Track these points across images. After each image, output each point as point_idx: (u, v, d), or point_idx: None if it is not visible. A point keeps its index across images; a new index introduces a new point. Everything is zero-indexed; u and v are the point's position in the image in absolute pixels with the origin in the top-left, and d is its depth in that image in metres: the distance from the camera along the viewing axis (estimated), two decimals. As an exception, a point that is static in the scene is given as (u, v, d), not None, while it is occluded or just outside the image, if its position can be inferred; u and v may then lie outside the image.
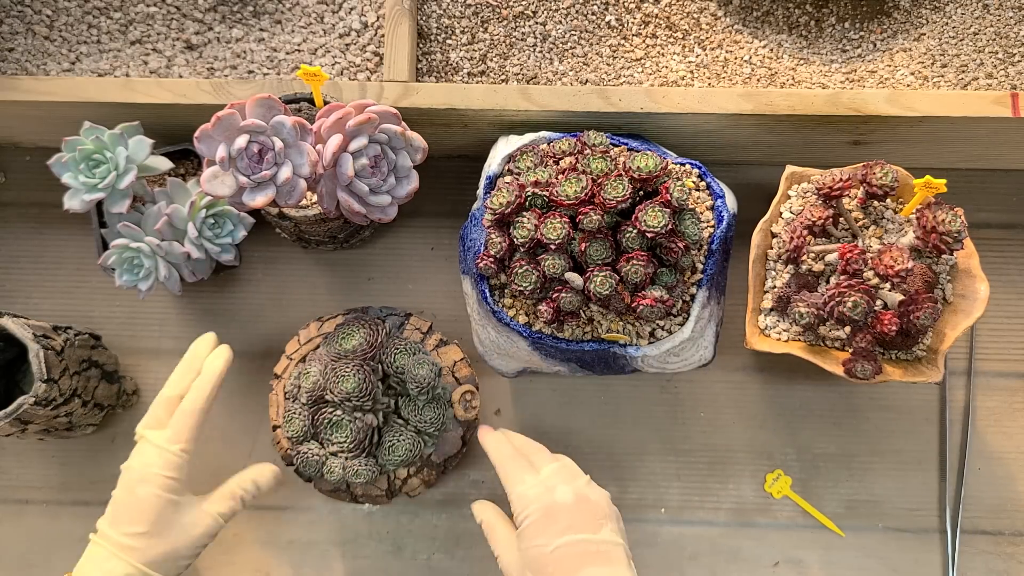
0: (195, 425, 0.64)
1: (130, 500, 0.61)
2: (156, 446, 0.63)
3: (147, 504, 0.61)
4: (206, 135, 0.62)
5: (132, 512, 0.61)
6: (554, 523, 0.60)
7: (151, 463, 0.62)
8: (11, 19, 0.78)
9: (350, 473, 0.67)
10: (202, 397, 0.65)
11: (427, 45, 0.78)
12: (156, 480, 0.62)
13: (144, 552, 0.61)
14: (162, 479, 0.62)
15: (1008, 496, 0.78)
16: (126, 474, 0.63)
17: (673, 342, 0.66)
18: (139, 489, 0.62)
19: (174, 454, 0.63)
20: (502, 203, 0.63)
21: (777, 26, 0.80)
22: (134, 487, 0.62)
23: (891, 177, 0.67)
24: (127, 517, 0.61)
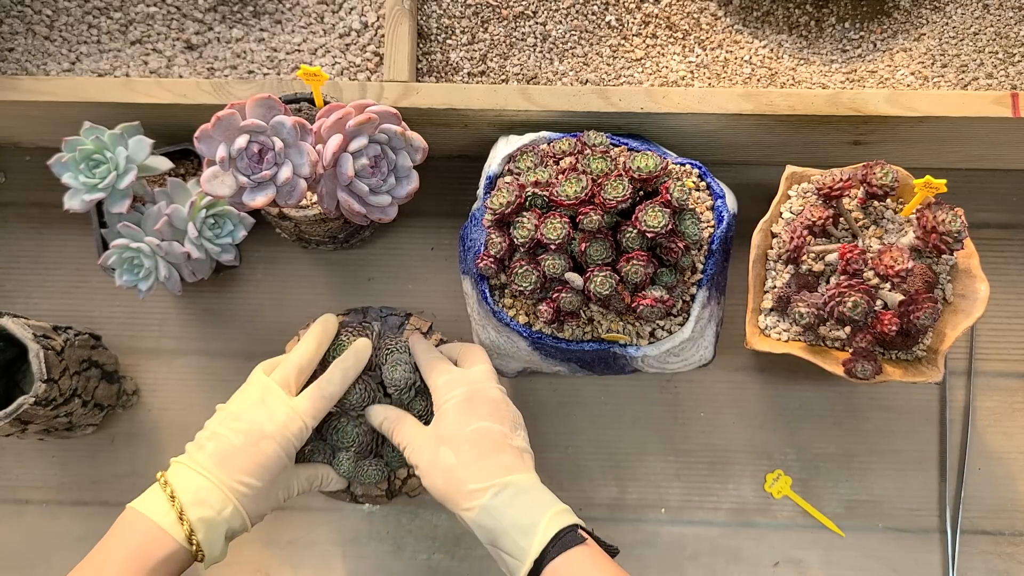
0: (327, 410, 0.65)
1: (253, 452, 0.60)
2: (293, 410, 0.62)
3: (270, 462, 0.61)
4: (206, 135, 0.62)
5: (252, 464, 0.60)
6: (476, 408, 0.62)
7: (285, 425, 0.62)
8: (11, 19, 0.78)
9: (360, 472, 0.68)
10: (343, 387, 0.65)
11: (427, 45, 0.78)
12: (285, 443, 0.62)
13: (251, 502, 0.60)
14: (290, 444, 0.62)
15: (1008, 496, 0.78)
16: (246, 423, 0.61)
17: (673, 342, 0.66)
18: (264, 444, 0.61)
19: (306, 426, 0.63)
20: (502, 203, 0.63)
21: (777, 26, 0.80)
22: (259, 440, 0.61)
23: (891, 177, 0.67)
24: (245, 466, 0.60)
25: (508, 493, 0.59)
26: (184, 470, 0.60)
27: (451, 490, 0.60)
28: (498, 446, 0.61)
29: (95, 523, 0.77)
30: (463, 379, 0.65)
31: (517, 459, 0.61)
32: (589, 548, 0.57)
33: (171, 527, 0.57)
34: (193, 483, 0.59)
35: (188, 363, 0.80)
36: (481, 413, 0.62)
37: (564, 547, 0.56)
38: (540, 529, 0.57)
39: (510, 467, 0.60)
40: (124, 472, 0.78)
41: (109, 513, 0.77)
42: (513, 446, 0.62)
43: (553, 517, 0.58)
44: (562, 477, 0.78)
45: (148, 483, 0.77)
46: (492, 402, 0.63)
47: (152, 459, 0.79)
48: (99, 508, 0.78)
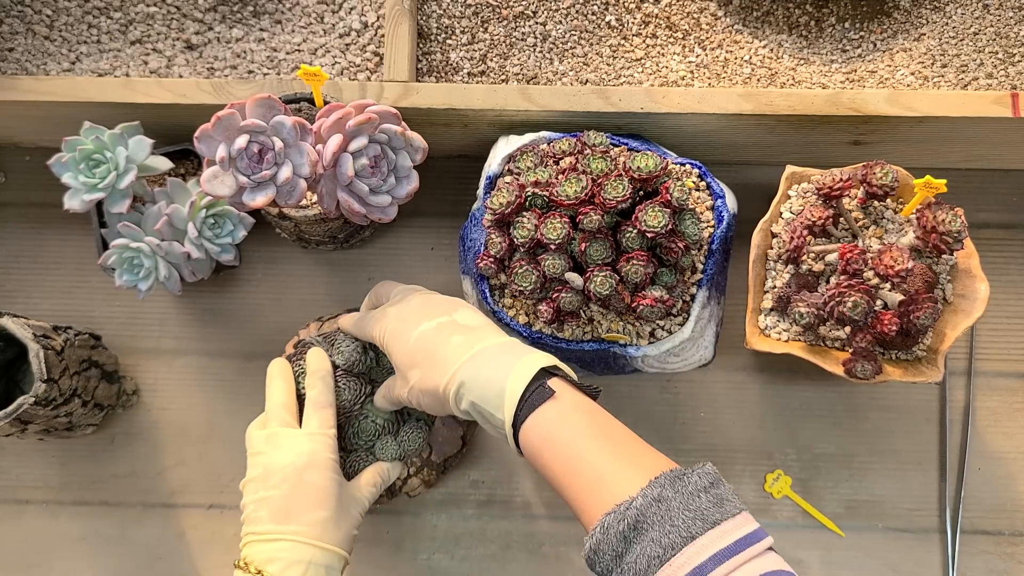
0: (334, 416, 0.64)
1: (302, 489, 0.59)
2: (308, 434, 0.62)
3: (324, 488, 0.60)
4: (206, 135, 0.62)
5: (309, 500, 0.59)
6: (406, 322, 0.61)
7: (313, 450, 0.61)
8: (11, 19, 0.78)
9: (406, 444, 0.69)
10: (329, 391, 0.65)
11: (427, 45, 0.78)
12: (325, 463, 0.61)
13: (334, 533, 0.59)
14: (331, 462, 0.61)
15: (1008, 496, 0.78)
16: (278, 472, 0.60)
17: (673, 342, 0.66)
18: (308, 476, 0.60)
19: (330, 437, 0.62)
20: (502, 203, 0.63)
21: (777, 26, 0.80)
22: (300, 477, 0.59)
23: (891, 177, 0.67)
24: (305, 506, 0.59)
25: (472, 368, 0.56)
26: (257, 545, 0.58)
27: (436, 401, 0.59)
28: (444, 334, 0.59)
29: (95, 523, 0.77)
30: (385, 309, 0.64)
31: (468, 335, 0.58)
32: (556, 404, 0.53)
33: None
34: (271, 552, 0.58)
35: (188, 363, 0.80)
36: (414, 320, 0.60)
37: (531, 408, 0.53)
38: (507, 394, 0.54)
39: (465, 345, 0.58)
40: (124, 472, 0.78)
41: (109, 513, 0.78)
42: (461, 325, 0.60)
43: (518, 373, 0.54)
44: (562, 477, 0.78)
45: (148, 483, 0.78)
46: (419, 306, 0.61)
47: (152, 459, 0.79)
48: (99, 508, 0.78)
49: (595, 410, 0.54)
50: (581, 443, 0.52)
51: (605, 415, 0.55)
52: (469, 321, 0.60)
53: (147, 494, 0.78)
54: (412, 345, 0.60)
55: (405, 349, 0.60)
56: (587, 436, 0.53)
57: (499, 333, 0.60)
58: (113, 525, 0.77)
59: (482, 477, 0.78)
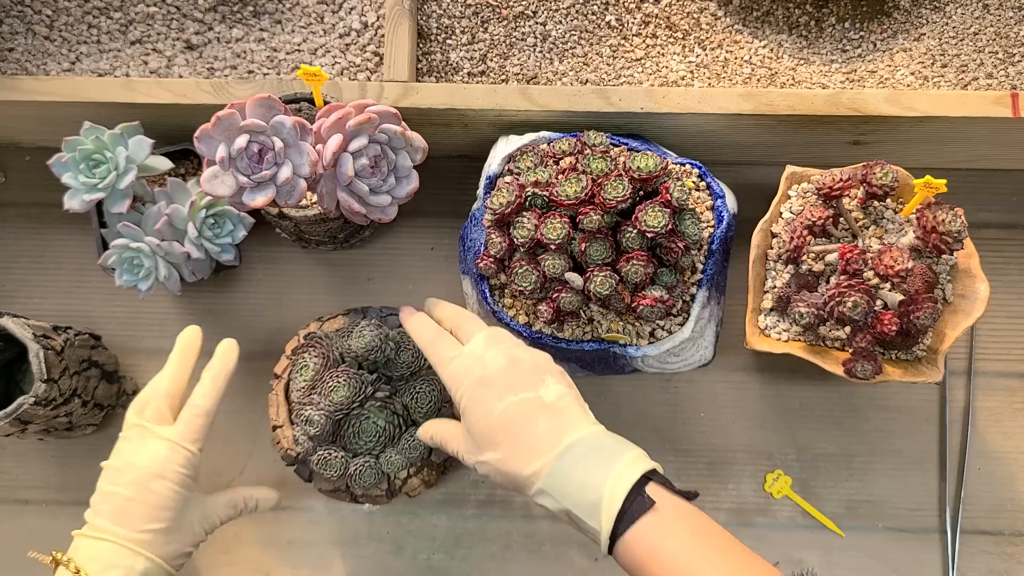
0: (207, 425, 0.63)
1: (145, 496, 0.59)
2: (169, 441, 0.61)
3: (166, 500, 0.60)
4: (206, 135, 0.62)
5: (149, 508, 0.59)
6: (490, 389, 0.57)
7: (167, 459, 0.60)
8: (11, 19, 0.78)
9: (385, 465, 0.69)
10: (216, 395, 0.64)
11: (427, 45, 0.78)
12: (175, 476, 0.60)
13: (163, 547, 0.59)
14: (180, 476, 0.60)
15: (1008, 496, 0.78)
16: (131, 471, 0.60)
17: (673, 342, 0.66)
18: (155, 485, 0.59)
19: (192, 453, 0.61)
20: (502, 203, 0.63)
21: (777, 26, 0.80)
22: (147, 483, 0.59)
23: (891, 177, 0.67)
24: (143, 514, 0.59)
25: (563, 467, 0.53)
26: (87, 542, 0.59)
27: (515, 485, 0.56)
28: (530, 416, 0.55)
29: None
30: (466, 362, 0.59)
31: (556, 420, 0.55)
32: (658, 515, 0.51)
33: None
34: (97, 552, 0.58)
35: (188, 363, 0.80)
36: (498, 391, 0.56)
37: (631, 520, 0.51)
38: (604, 504, 0.52)
39: (552, 434, 0.55)
40: (124, 472, 0.78)
41: (109, 513, 0.77)
42: (547, 404, 0.56)
43: (615, 483, 0.52)
44: (562, 477, 0.78)
45: (148, 483, 0.78)
46: (503, 373, 0.57)
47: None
48: (99, 508, 0.78)
49: (697, 516, 0.53)
50: (690, 556, 0.51)
51: (707, 521, 0.53)
52: (555, 399, 0.57)
53: (147, 494, 0.78)
54: (495, 421, 0.56)
55: (487, 423, 0.56)
56: (694, 548, 0.51)
57: (585, 413, 0.57)
58: (113, 525, 0.77)
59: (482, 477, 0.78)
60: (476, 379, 0.57)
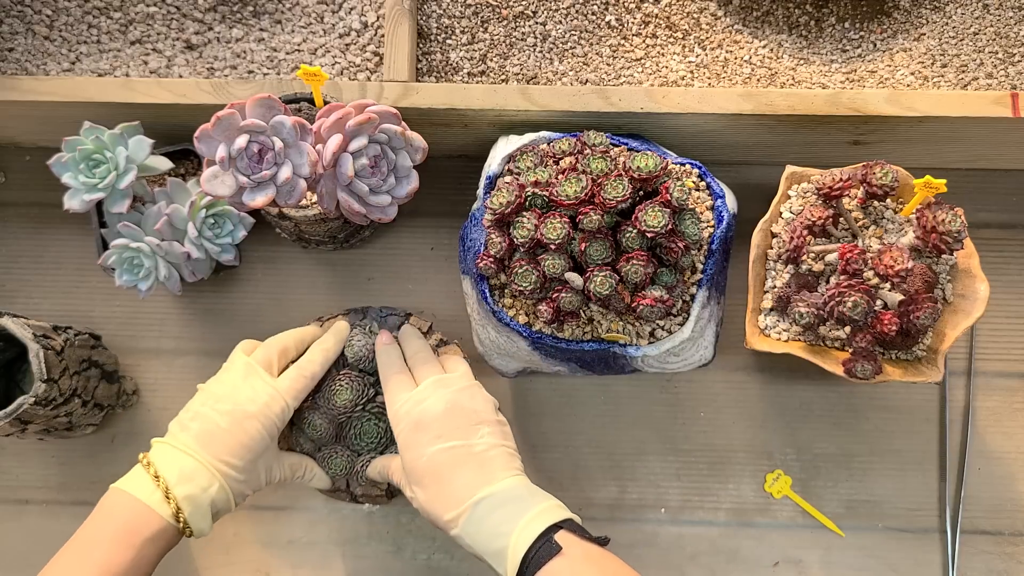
0: (308, 389, 0.66)
1: (236, 432, 0.61)
2: (274, 390, 0.64)
3: (254, 442, 0.62)
4: (206, 135, 0.62)
5: (235, 444, 0.61)
6: (423, 433, 0.61)
7: (267, 404, 0.63)
8: (11, 19, 0.78)
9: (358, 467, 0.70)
10: (323, 365, 0.67)
11: (427, 45, 0.78)
12: (267, 423, 0.63)
13: (234, 481, 0.61)
14: (272, 423, 0.63)
15: (1008, 496, 0.78)
16: (230, 403, 0.62)
17: (673, 342, 0.66)
18: (248, 424, 0.62)
19: (287, 406, 0.64)
20: (502, 203, 0.63)
21: (777, 26, 0.80)
22: (243, 420, 0.62)
23: (891, 177, 0.67)
24: (229, 446, 0.61)
25: (477, 516, 0.58)
26: (168, 450, 0.61)
27: (436, 524, 0.61)
28: (454, 465, 0.60)
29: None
30: (408, 404, 0.64)
31: (478, 471, 0.60)
32: (566, 559, 0.54)
33: (158, 505, 0.58)
34: (178, 463, 0.60)
35: (188, 363, 0.80)
36: (430, 436, 0.61)
37: (538, 566, 0.54)
38: (510, 552, 0.55)
39: (472, 484, 0.59)
40: (124, 472, 0.78)
41: (109, 513, 0.77)
42: (472, 455, 0.60)
43: (521, 532, 0.56)
44: (562, 477, 0.78)
45: (148, 483, 0.78)
46: (439, 419, 0.62)
47: (152, 459, 0.79)
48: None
49: (606, 559, 0.55)
50: None
51: (618, 565, 0.56)
52: (484, 449, 0.61)
53: (147, 494, 0.78)
54: (423, 464, 0.61)
55: (416, 465, 0.61)
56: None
57: (510, 464, 0.61)
58: (113, 525, 0.77)
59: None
60: (413, 422, 0.62)
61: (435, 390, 0.64)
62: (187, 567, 0.77)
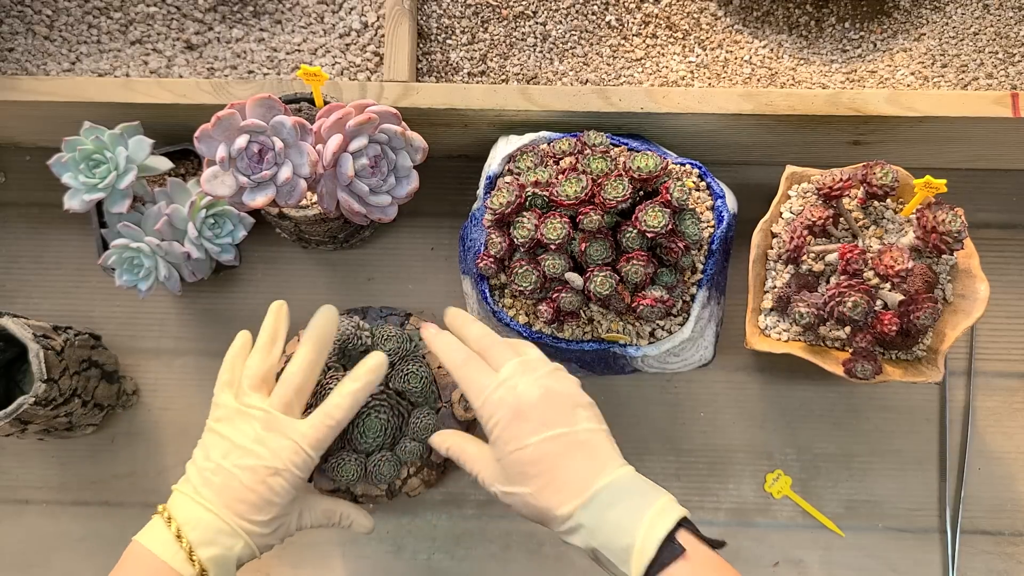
0: (334, 435, 0.60)
1: (261, 489, 0.58)
2: (296, 444, 0.59)
3: (279, 498, 0.58)
4: (206, 135, 0.62)
5: (260, 502, 0.58)
6: (525, 422, 0.56)
7: (290, 459, 0.58)
8: (11, 19, 0.78)
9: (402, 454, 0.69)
10: (350, 412, 0.61)
11: (427, 45, 0.78)
12: (291, 478, 0.59)
13: (260, 537, 0.59)
14: (297, 479, 0.59)
15: (1008, 496, 0.78)
16: (252, 458, 0.58)
17: (673, 342, 0.66)
18: (272, 480, 0.58)
19: (312, 459, 0.60)
20: (502, 203, 0.63)
21: (777, 26, 0.80)
22: (266, 477, 0.58)
23: (891, 177, 0.67)
24: (254, 505, 0.58)
25: (596, 508, 0.54)
26: (190, 504, 0.58)
27: (543, 519, 0.56)
28: (565, 452, 0.55)
29: (95, 523, 0.77)
30: (500, 391, 0.58)
31: (590, 459, 0.55)
32: (688, 563, 0.51)
33: (182, 566, 0.55)
34: (201, 520, 0.57)
35: (188, 363, 0.80)
36: (533, 425, 0.56)
37: (661, 566, 0.51)
38: (636, 550, 0.52)
39: (586, 474, 0.55)
40: (124, 472, 0.78)
41: (109, 513, 0.78)
42: (580, 440, 0.56)
43: (648, 531, 0.52)
44: (562, 477, 0.78)
45: (148, 483, 0.78)
46: (538, 405, 0.57)
47: (152, 459, 0.79)
48: (99, 508, 0.78)
49: (724, 568, 0.53)
50: None
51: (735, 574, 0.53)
52: (589, 436, 0.57)
53: (147, 494, 0.78)
54: (529, 455, 0.56)
55: (520, 456, 0.56)
56: None
57: (615, 451, 0.58)
58: (113, 525, 0.77)
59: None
60: (510, 410, 0.57)
61: (524, 373, 0.58)
62: (187, 567, 0.76)
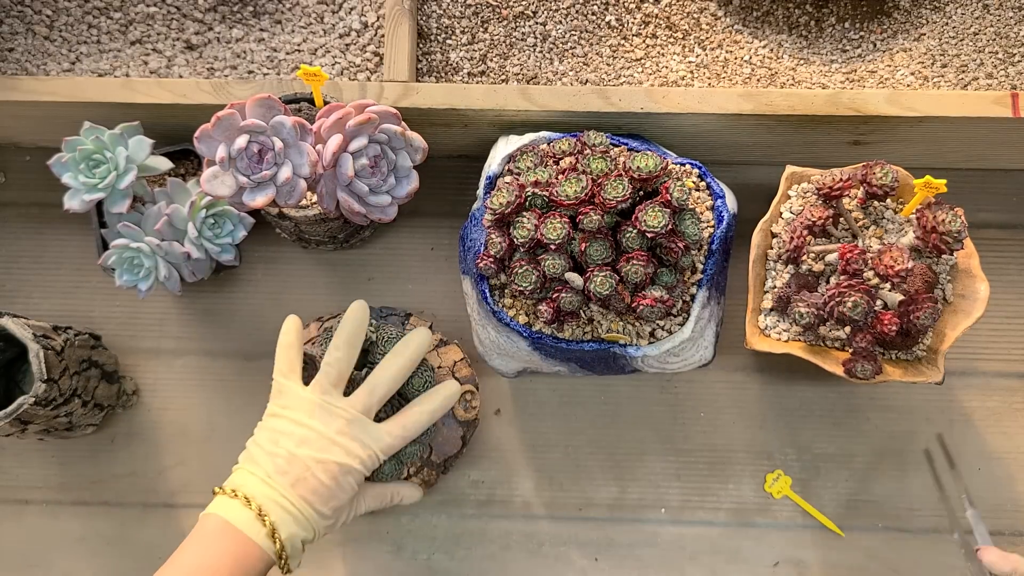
0: (400, 447, 0.65)
1: (333, 487, 0.61)
2: (373, 451, 0.63)
3: (346, 494, 0.62)
4: (206, 135, 0.62)
5: (330, 495, 0.61)
6: None
7: (365, 463, 0.63)
8: (11, 19, 0.78)
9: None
10: (423, 428, 0.66)
11: (427, 45, 0.78)
12: (359, 478, 0.63)
13: (324, 526, 0.62)
14: (362, 477, 0.63)
15: (1008, 496, 0.78)
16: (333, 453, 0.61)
17: (673, 342, 0.66)
18: (343, 479, 0.62)
19: (380, 463, 0.64)
20: (502, 203, 0.63)
21: (777, 26, 0.80)
22: (338, 474, 0.61)
23: (891, 177, 0.67)
24: (323, 497, 0.61)
25: None
26: (262, 487, 0.60)
27: None
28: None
29: (95, 523, 0.77)
30: None
31: None
32: None
33: (265, 543, 0.59)
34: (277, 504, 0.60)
35: (188, 363, 0.80)
36: None
37: None
38: None
39: None
40: (124, 472, 0.78)
41: (109, 513, 0.78)
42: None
43: None
44: (562, 477, 0.78)
45: (148, 483, 0.78)
46: None
47: (152, 459, 0.79)
48: (99, 508, 0.78)
49: None
50: None
51: None
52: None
53: (147, 494, 0.78)
54: None
55: None
56: None
57: None
58: (113, 525, 0.77)
59: (482, 477, 0.78)
60: None
61: None
62: (187, 567, 0.76)
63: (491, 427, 0.79)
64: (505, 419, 0.80)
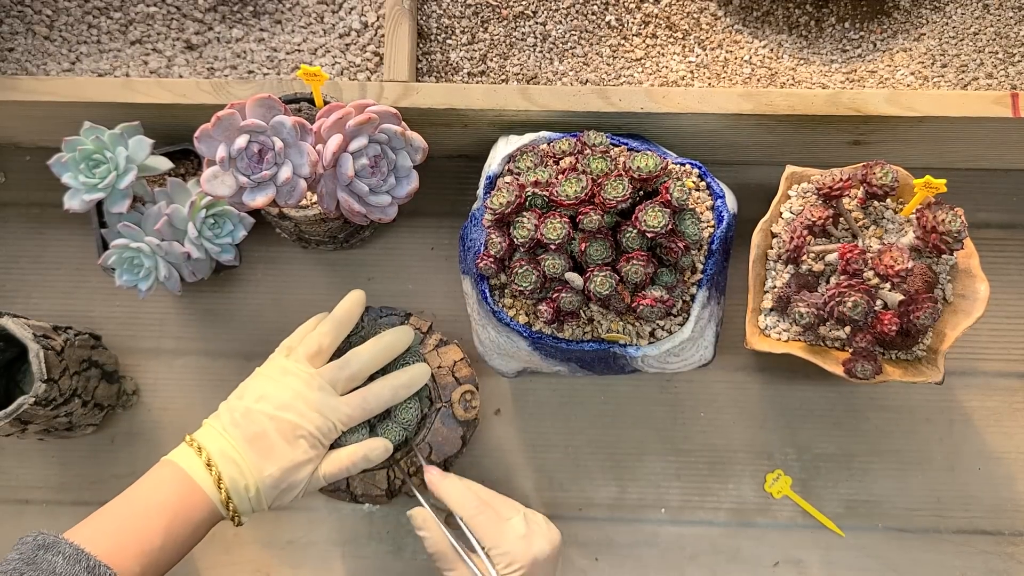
0: (363, 420, 0.66)
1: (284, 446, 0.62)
2: (326, 419, 0.64)
3: (297, 458, 0.63)
4: (206, 135, 0.62)
5: (281, 458, 0.62)
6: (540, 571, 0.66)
7: (318, 427, 0.63)
8: (11, 19, 0.78)
9: None
10: (389, 402, 0.67)
11: (427, 45, 0.78)
12: (314, 444, 0.63)
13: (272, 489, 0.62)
14: (321, 445, 0.64)
15: (1008, 496, 0.78)
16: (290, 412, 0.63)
17: (673, 342, 0.66)
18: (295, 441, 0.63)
19: (338, 432, 0.65)
20: (502, 203, 0.63)
21: (777, 26, 0.80)
22: (291, 436, 0.62)
23: (891, 177, 0.67)
24: (276, 461, 0.62)
25: None
26: (217, 437, 0.62)
27: None
28: None
29: (95, 523, 0.77)
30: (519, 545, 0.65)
31: None
32: None
33: (211, 490, 0.60)
34: (226, 455, 0.61)
35: (188, 363, 0.80)
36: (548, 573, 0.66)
37: None
38: None
39: None
40: (124, 472, 0.78)
41: (109, 513, 0.77)
42: None
43: None
44: (562, 477, 0.78)
45: (148, 483, 0.78)
46: (546, 562, 0.66)
47: (152, 459, 0.77)
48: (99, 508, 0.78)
49: None
50: None
51: None
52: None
53: (147, 494, 0.78)
54: None
55: None
56: None
57: None
58: (113, 525, 0.77)
59: (482, 477, 0.78)
60: (528, 563, 0.65)
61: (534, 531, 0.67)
62: (187, 567, 0.77)
63: (491, 427, 0.79)
64: (505, 419, 0.80)
